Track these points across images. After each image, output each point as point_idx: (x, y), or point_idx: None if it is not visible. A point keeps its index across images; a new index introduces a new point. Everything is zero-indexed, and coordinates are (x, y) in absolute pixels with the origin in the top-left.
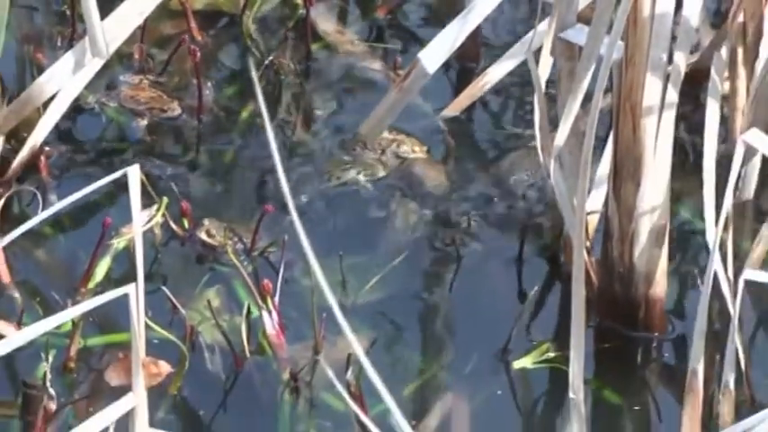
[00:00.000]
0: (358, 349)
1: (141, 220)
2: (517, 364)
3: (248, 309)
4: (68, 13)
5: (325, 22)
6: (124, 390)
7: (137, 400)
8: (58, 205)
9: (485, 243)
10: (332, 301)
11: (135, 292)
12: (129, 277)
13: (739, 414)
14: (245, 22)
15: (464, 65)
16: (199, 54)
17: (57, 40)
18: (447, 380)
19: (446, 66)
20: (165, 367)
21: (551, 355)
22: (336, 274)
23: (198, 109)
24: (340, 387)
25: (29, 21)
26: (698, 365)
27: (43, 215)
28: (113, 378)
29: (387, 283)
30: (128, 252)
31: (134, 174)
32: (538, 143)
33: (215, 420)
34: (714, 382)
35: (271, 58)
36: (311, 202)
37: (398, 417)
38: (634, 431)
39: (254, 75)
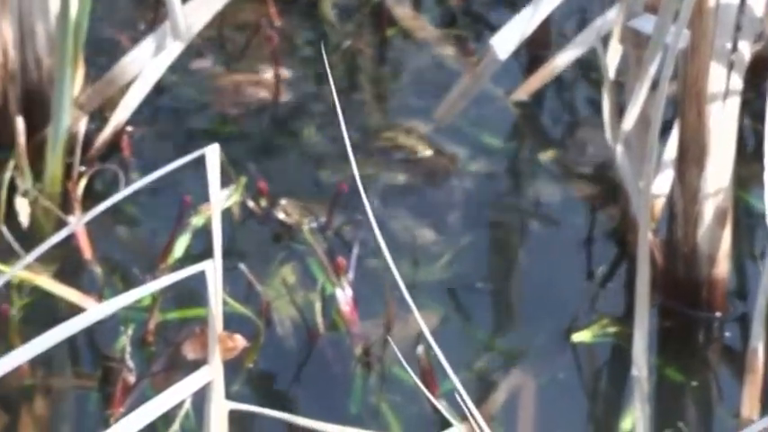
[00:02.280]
0: (425, 327)
1: (220, 199)
2: (577, 338)
3: (323, 286)
4: None
5: (401, 8)
6: (200, 363)
7: (213, 373)
8: (139, 183)
9: (553, 224)
10: (399, 280)
11: (212, 269)
12: (208, 254)
13: None
14: (324, 8)
15: (534, 51)
16: (276, 39)
17: (140, 24)
18: (514, 357)
19: (517, 52)
20: (240, 341)
21: (612, 330)
22: (409, 253)
23: (275, 92)
24: (406, 366)
25: (112, 4)
26: (758, 344)
27: (124, 193)
28: (190, 352)
29: (457, 261)
30: (206, 229)
31: (213, 153)
32: (606, 128)
33: (289, 393)
34: None
35: (348, 43)
36: (384, 183)
37: (463, 394)
38: (695, 409)
39: (326, 61)
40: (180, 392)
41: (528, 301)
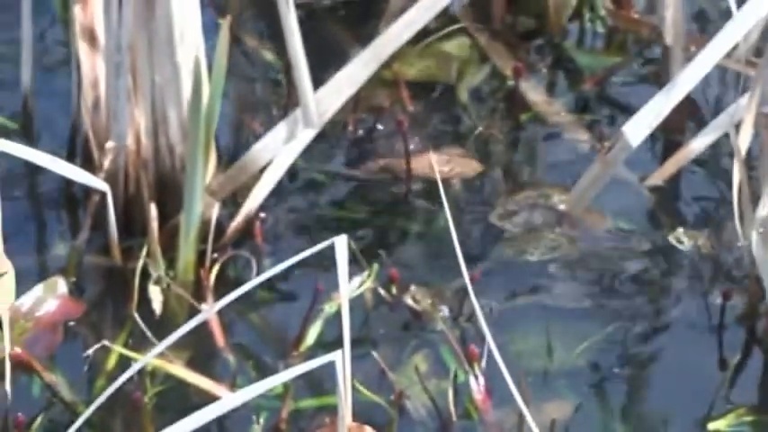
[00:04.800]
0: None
1: (351, 287)
2: (712, 427)
3: (455, 374)
4: (283, 81)
5: (534, 93)
6: None
7: None
8: (270, 272)
9: (686, 311)
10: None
11: (341, 359)
12: (340, 342)
13: None
14: (459, 92)
15: (669, 136)
16: (406, 124)
17: (272, 109)
18: None
19: (652, 136)
20: None
21: (748, 419)
22: (543, 339)
23: (407, 177)
24: None
25: (245, 89)
26: None
27: (256, 281)
28: None
29: (591, 349)
30: (339, 317)
31: (341, 243)
32: (736, 213)
33: None
34: None
35: (480, 128)
36: (518, 270)
37: None
38: None
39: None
40: None
41: (661, 388)
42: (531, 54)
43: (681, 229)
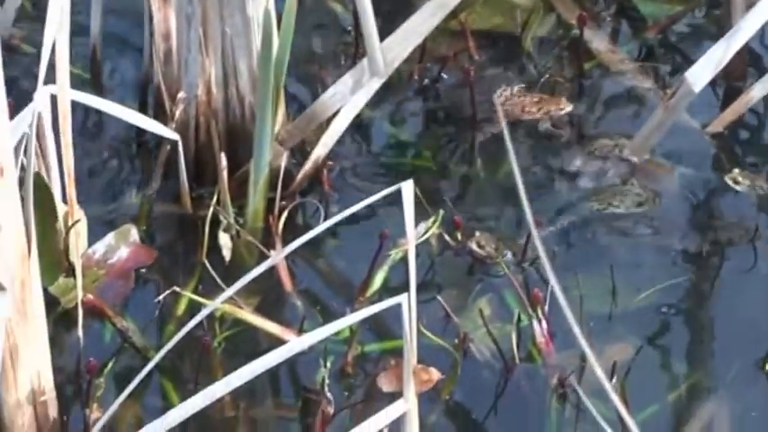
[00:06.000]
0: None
1: (417, 233)
2: None
3: (518, 317)
4: (352, 32)
5: (598, 42)
6: (397, 395)
7: (408, 405)
8: (337, 217)
9: (745, 258)
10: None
11: (407, 303)
12: (405, 287)
13: None
14: (524, 42)
15: (730, 82)
16: (473, 72)
17: (341, 59)
18: (709, 387)
19: (713, 83)
20: (435, 374)
21: None
22: (607, 284)
23: (473, 126)
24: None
25: (314, 40)
26: None
27: (323, 227)
28: (386, 384)
29: (652, 293)
30: (404, 263)
31: (408, 189)
32: None
33: (485, 424)
34: None
35: (546, 76)
36: (580, 220)
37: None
38: None
39: (499, 108)
40: (376, 424)
41: (721, 331)
42: (595, 3)
43: (737, 170)
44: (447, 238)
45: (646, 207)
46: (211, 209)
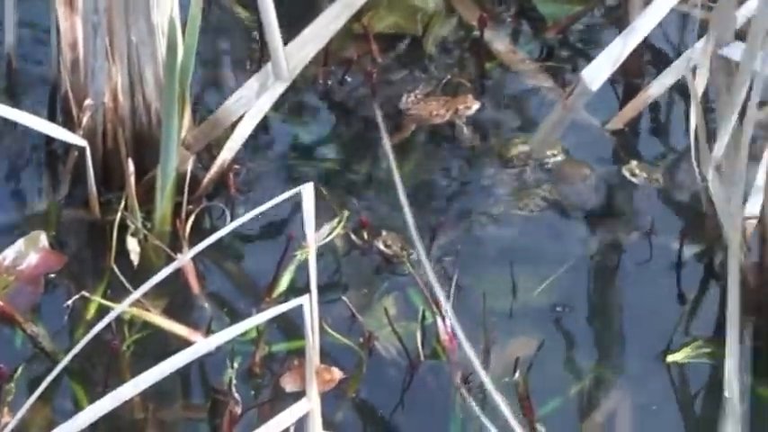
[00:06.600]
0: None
1: (323, 234)
2: (671, 359)
3: (423, 315)
4: (257, 37)
5: (499, 43)
6: (301, 394)
7: (311, 405)
8: (241, 219)
9: (644, 251)
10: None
11: (309, 304)
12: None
13: None
14: (426, 44)
15: (629, 80)
16: (375, 75)
17: (246, 64)
18: (611, 379)
19: (612, 81)
20: (337, 374)
21: (705, 350)
22: (508, 282)
23: (377, 128)
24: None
25: (219, 46)
26: None
27: (227, 228)
28: (289, 384)
29: (553, 288)
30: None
31: (308, 191)
32: (693, 154)
33: (391, 421)
34: None
35: (448, 77)
36: (483, 215)
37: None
38: None
39: (379, 115)
40: (280, 424)
41: (622, 324)
42: (496, 4)
43: (634, 162)
44: (353, 237)
45: (550, 205)
46: (119, 214)
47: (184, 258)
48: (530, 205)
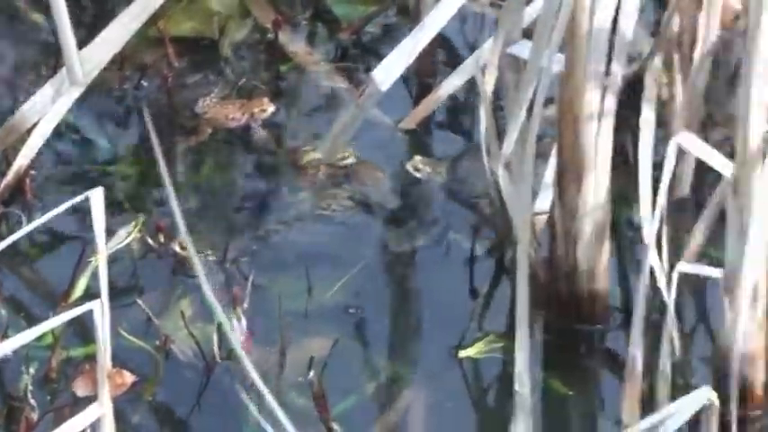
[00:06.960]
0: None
1: (119, 237)
2: (463, 354)
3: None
4: (53, 42)
5: (295, 45)
6: (93, 398)
7: (102, 409)
8: (34, 224)
9: (438, 246)
10: None
11: (100, 309)
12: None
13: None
14: (222, 47)
15: (422, 80)
16: (171, 79)
17: (42, 70)
18: (406, 376)
19: (406, 81)
20: (129, 377)
21: (497, 345)
22: (303, 283)
23: (173, 132)
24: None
25: (15, 52)
26: (637, 352)
27: (20, 233)
28: (80, 389)
29: (348, 287)
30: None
31: (97, 196)
32: (484, 150)
33: (187, 422)
34: (654, 370)
35: (244, 80)
36: (280, 218)
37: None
38: (579, 419)
39: (152, 131)
40: (72, 428)
41: (415, 320)
42: (291, 7)
43: (418, 157)
44: (150, 241)
45: (348, 207)
46: None
47: None
48: (328, 207)
